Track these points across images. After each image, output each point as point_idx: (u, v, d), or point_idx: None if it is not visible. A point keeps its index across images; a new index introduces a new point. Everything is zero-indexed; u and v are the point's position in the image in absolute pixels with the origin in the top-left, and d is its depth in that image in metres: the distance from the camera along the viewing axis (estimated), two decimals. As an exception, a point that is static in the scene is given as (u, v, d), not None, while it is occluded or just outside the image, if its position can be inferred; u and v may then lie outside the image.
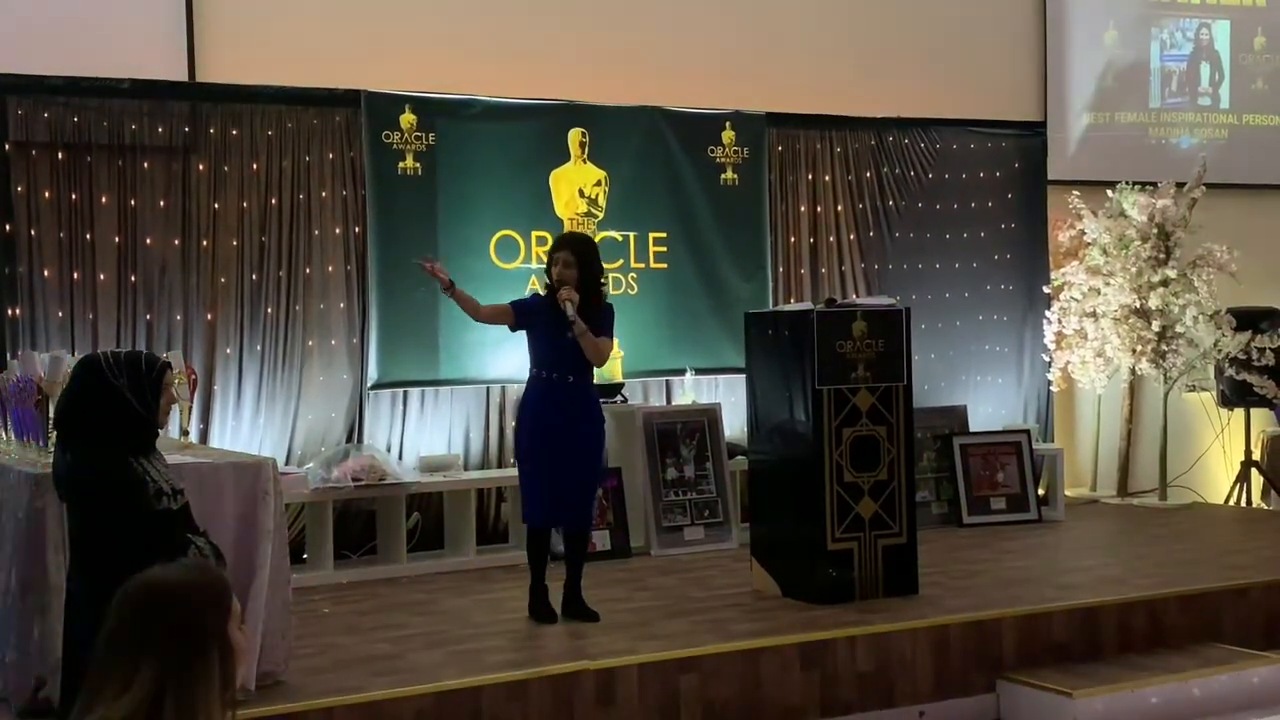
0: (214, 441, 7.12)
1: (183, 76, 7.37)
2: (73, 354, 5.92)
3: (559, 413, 5.84)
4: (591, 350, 5.88)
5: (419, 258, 6.24)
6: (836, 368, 6.14)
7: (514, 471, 7.12)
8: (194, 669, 2.10)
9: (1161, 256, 9.07)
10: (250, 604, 4.59)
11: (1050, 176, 9.66)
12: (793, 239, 8.85)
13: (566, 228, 7.98)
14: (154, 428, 3.78)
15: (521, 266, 7.90)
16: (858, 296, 8.53)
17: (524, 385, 6.05)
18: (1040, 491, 8.76)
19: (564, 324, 5.79)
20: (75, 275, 7.03)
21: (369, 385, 7.64)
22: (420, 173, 7.76)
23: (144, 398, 3.72)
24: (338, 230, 7.62)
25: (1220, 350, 9.11)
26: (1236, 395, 9.50)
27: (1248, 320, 9.22)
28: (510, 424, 7.85)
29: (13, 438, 5.54)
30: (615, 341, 7.98)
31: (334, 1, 7.79)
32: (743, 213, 8.62)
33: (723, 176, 8.57)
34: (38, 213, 6.99)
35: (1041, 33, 9.88)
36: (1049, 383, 9.45)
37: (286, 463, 7.29)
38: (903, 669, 5.53)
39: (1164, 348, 9.09)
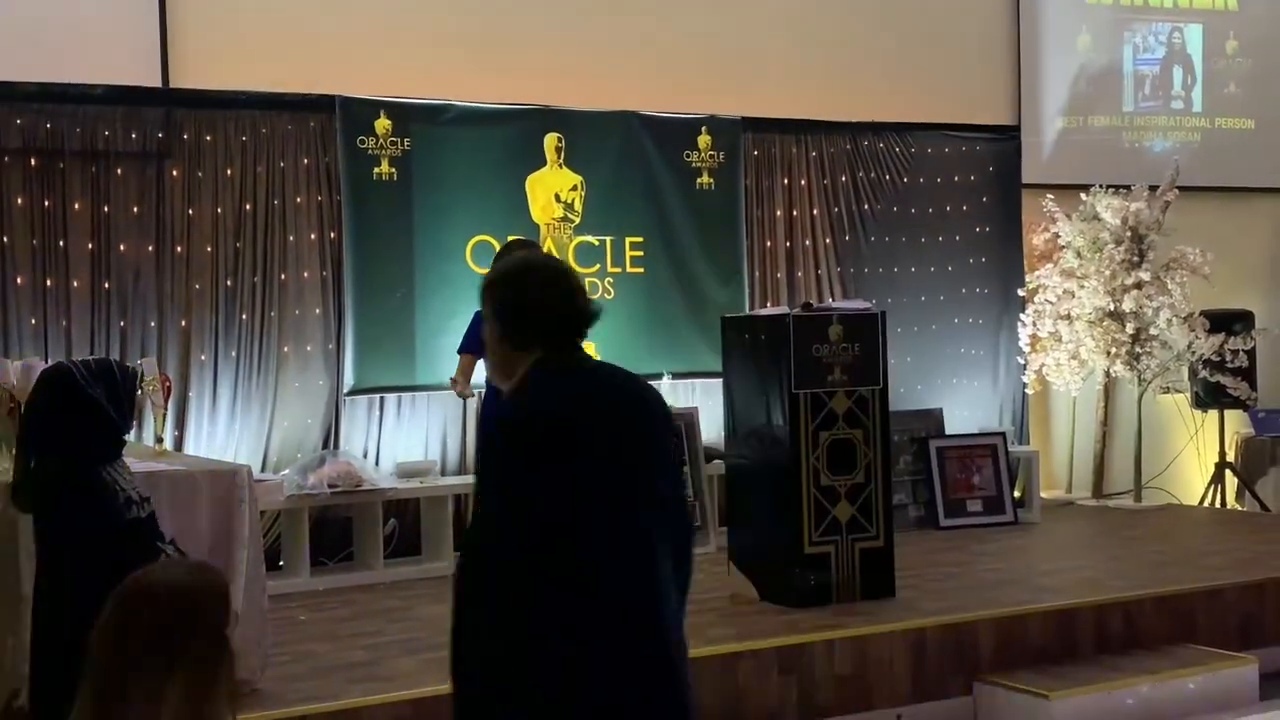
0: (189, 449, 7.09)
1: (156, 82, 7.34)
2: (46, 361, 5.89)
3: None
4: None
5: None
6: (813, 371, 6.15)
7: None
8: (210, 673, 2.08)
9: (1135, 259, 9.12)
10: (234, 609, 4.57)
11: (1024, 180, 9.70)
12: (769, 243, 8.87)
13: (543, 233, 7.99)
14: (125, 436, 3.77)
15: (498, 271, 7.88)
16: (834, 300, 8.55)
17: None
18: (1016, 494, 8.79)
19: None
20: (49, 282, 7.00)
21: (345, 391, 7.62)
22: (396, 178, 7.75)
23: (120, 406, 3.70)
24: (313, 236, 7.60)
25: (1194, 352, 9.16)
26: (1210, 397, 9.56)
27: (1221, 322, 9.28)
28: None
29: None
30: (592, 347, 8.02)
31: (308, 7, 7.77)
32: (719, 217, 8.63)
33: (699, 181, 8.58)
34: (10, 219, 6.96)
35: (1015, 37, 9.92)
36: (1024, 385, 9.49)
37: (262, 469, 7.27)
38: (880, 672, 5.54)
39: (1138, 350, 9.14)
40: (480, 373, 6.26)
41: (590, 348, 7.87)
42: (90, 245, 7.09)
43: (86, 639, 2.13)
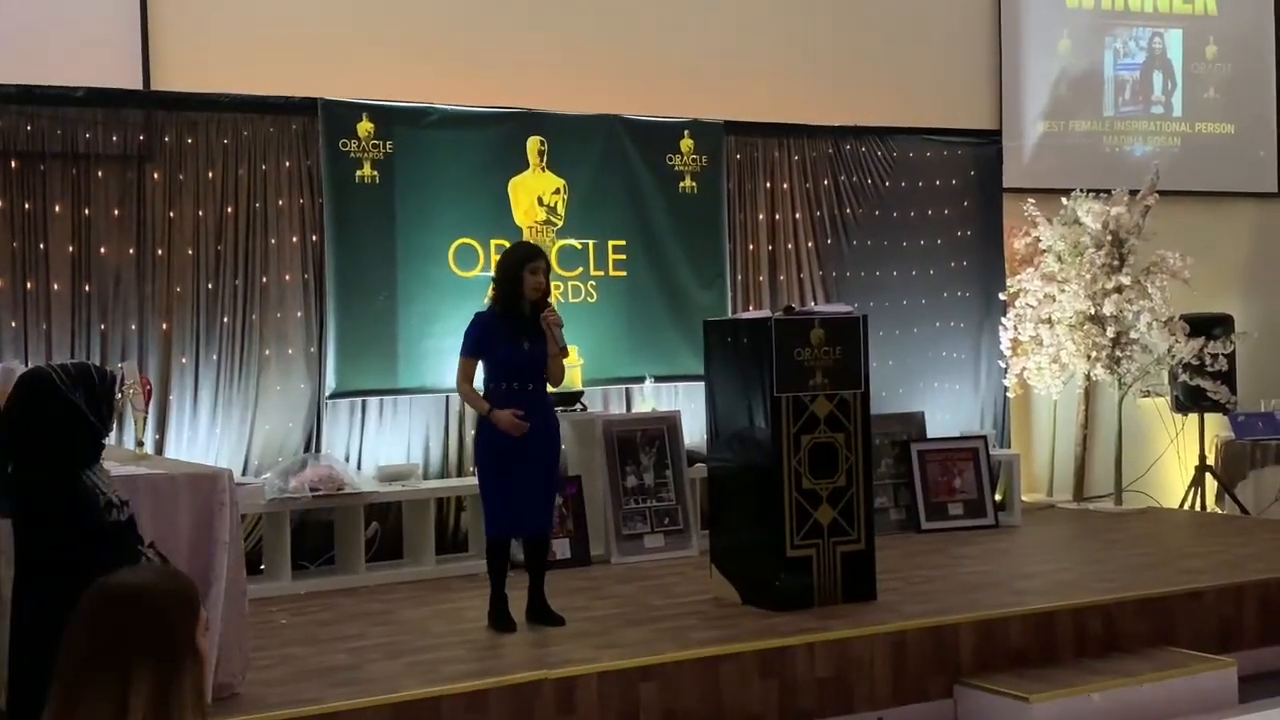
0: (170, 452, 7.06)
1: (138, 84, 7.32)
2: (26, 365, 5.87)
3: (525, 422, 5.82)
4: (560, 371, 5.94)
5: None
6: (795, 375, 6.16)
7: (473, 480, 7.09)
8: (172, 678, 2.08)
9: (1115, 263, 9.16)
10: (205, 614, 4.56)
11: (1005, 184, 9.73)
12: (751, 247, 8.88)
13: (525, 236, 7.98)
14: (104, 440, 3.76)
15: (480, 274, 7.88)
16: (816, 304, 8.55)
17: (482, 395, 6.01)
18: (997, 497, 8.81)
19: (521, 335, 5.80)
20: (29, 285, 6.97)
21: (327, 394, 7.60)
22: (378, 181, 7.74)
23: (99, 411, 3.69)
24: (295, 239, 7.59)
25: (1174, 356, 9.20)
26: (1190, 400, 9.60)
27: (1201, 326, 9.33)
28: (470, 433, 7.83)
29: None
30: (574, 349, 8.03)
31: (291, 9, 7.75)
32: (701, 220, 8.64)
33: (681, 184, 8.59)
34: (-10, 222, 6.93)
35: (996, 42, 9.96)
36: (1005, 389, 9.52)
37: (244, 473, 7.25)
38: (861, 675, 5.55)
39: (1118, 354, 9.18)
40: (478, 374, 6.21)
41: (573, 351, 7.90)
42: (71, 248, 7.06)
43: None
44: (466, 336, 5.93)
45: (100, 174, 7.15)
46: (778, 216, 8.96)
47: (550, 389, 6.06)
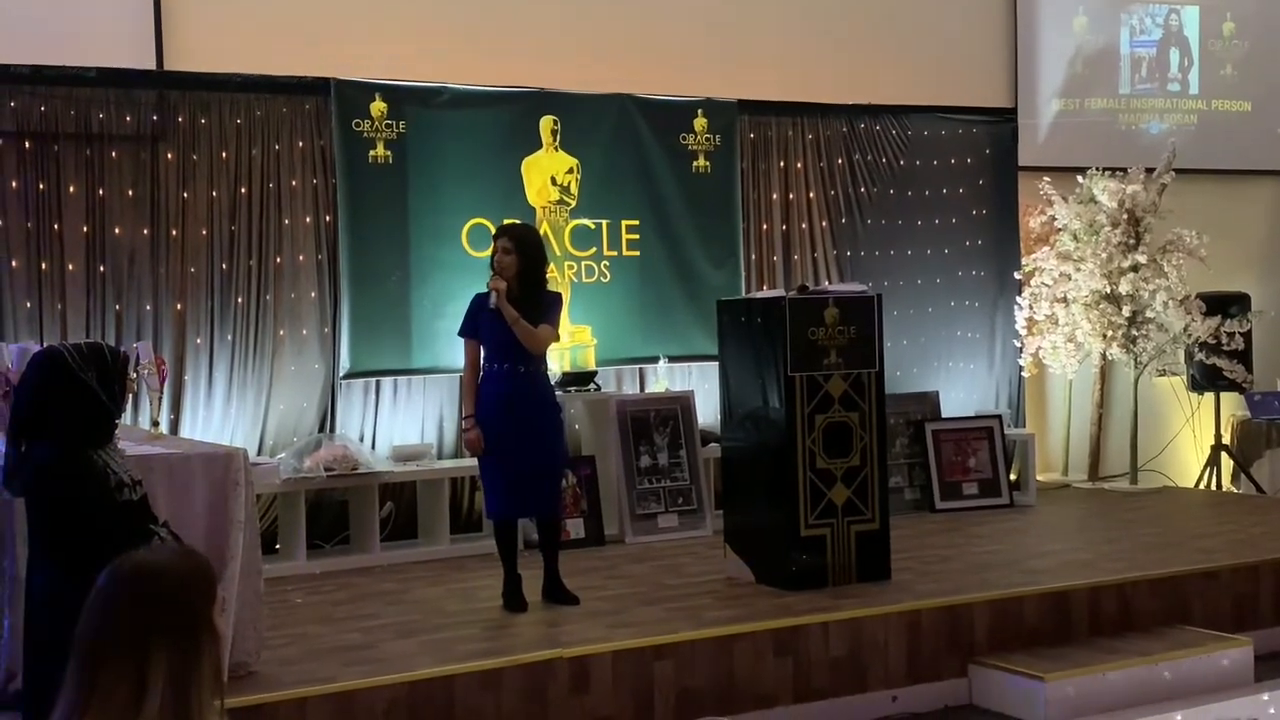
0: (185, 432, 7.08)
1: (151, 65, 7.31)
2: (41, 345, 5.88)
3: (510, 402, 5.80)
4: (523, 336, 5.76)
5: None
6: (809, 354, 6.14)
7: (487, 460, 7.11)
8: (191, 657, 2.08)
9: (1131, 242, 9.11)
10: (221, 594, 4.57)
11: (1021, 163, 9.68)
12: (765, 226, 8.85)
13: (539, 216, 7.98)
14: (116, 419, 3.76)
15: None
16: (830, 283, 8.55)
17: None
18: (1012, 477, 8.80)
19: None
20: (43, 265, 6.98)
21: (341, 375, 7.61)
22: (391, 161, 7.73)
23: (112, 390, 3.70)
24: (308, 219, 7.59)
25: (1190, 335, 9.16)
26: (1206, 380, 9.57)
27: (1217, 305, 9.29)
28: (483, 413, 7.84)
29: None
30: (588, 329, 8.02)
31: (303, -11, 7.74)
32: (715, 200, 8.62)
33: (695, 164, 8.57)
34: (4, 202, 6.94)
35: (1012, 19, 9.90)
36: (1020, 368, 9.49)
37: (258, 453, 7.27)
38: (875, 654, 5.55)
39: (1134, 333, 9.14)
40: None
41: (586, 331, 7.88)
42: (85, 228, 7.08)
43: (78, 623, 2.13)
44: (464, 323, 5.95)
45: (114, 154, 7.16)
46: (792, 196, 8.93)
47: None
